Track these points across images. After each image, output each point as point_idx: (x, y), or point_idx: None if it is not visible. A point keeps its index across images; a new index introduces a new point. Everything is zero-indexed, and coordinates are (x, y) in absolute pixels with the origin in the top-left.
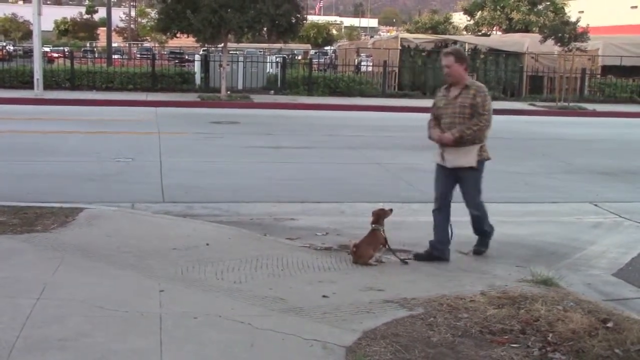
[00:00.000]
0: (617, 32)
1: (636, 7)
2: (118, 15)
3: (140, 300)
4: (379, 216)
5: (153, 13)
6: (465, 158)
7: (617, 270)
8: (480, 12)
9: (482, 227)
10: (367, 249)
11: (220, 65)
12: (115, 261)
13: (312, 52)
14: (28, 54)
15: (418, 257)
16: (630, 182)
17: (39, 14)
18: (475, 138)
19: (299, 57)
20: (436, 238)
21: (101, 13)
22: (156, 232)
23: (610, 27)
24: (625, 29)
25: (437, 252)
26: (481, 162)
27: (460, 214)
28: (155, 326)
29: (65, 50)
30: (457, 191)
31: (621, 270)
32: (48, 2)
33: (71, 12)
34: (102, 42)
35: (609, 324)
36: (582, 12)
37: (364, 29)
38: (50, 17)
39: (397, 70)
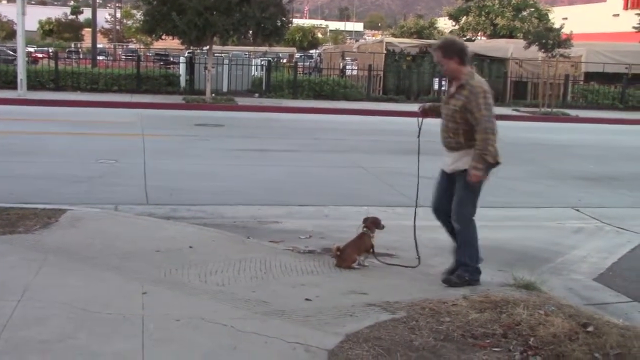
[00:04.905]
0: (599, 39)
1: (618, 15)
2: (103, 17)
3: (123, 303)
4: (373, 223)
5: (138, 15)
6: (461, 161)
7: (598, 275)
8: (465, 17)
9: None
10: (352, 253)
11: (205, 68)
12: (98, 263)
13: (297, 55)
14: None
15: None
16: (612, 188)
17: (23, 13)
18: (486, 146)
19: (284, 60)
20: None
21: (86, 14)
22: (140, 234)
23: (593, 34)
24: (608, 36)
25: None
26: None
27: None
28: (137, 328)
29: (50, 50)
30: None
31: (602, 275)
32: (32, 2)
33: (56, 13)
34: (86, 43)
35: (589, 328)
36: (566, 18)
37: (349, 32)
38: (34, 17)
39: (382, 74)
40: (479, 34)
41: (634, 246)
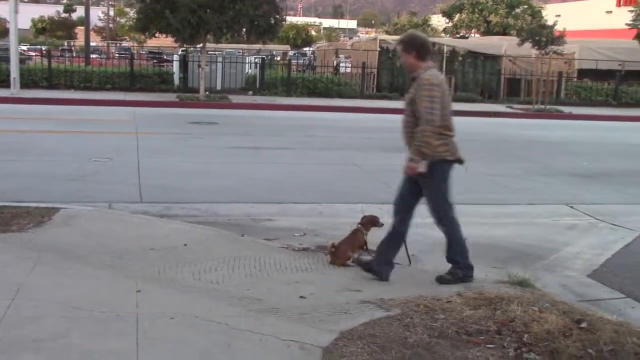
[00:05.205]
0: (592, 36)
1: (611, 12)
2: (96, 15)
3: (117, 301)
4: (370, 222)
5: (132, 12)
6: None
7: (592, 271)
8: (458, 14)
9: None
10: (346, 250)
11: (199, 66)
12: (92, 261)
13: (291, 53)
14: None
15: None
16: (606, 184)
17: (16, 11)
18: (422, 138)
19: (278, 58)
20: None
21: (79, 12)
22: (134, 232)
23: (586, 31)
24: (601, 33)
25: None
26: (437, 163)
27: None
28: (131, 327)
29: (43, 48)
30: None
31: (595, 272)
32: (25, 0)
33: (49, 11)
34: (80, 41)
35: (583, 325)
36: (559, 15)
37: (343, 30)
38: (27, 15)
39: (375, 72)
40: (473, 31)
41: (628, 242)
